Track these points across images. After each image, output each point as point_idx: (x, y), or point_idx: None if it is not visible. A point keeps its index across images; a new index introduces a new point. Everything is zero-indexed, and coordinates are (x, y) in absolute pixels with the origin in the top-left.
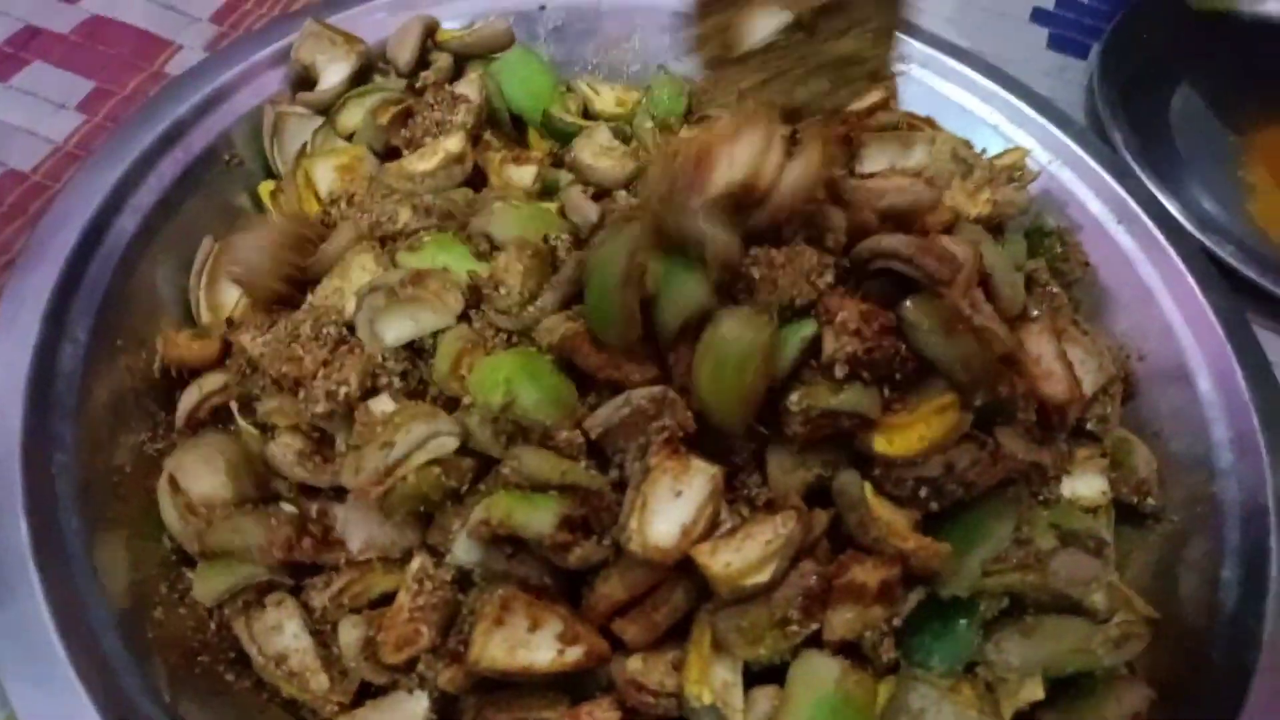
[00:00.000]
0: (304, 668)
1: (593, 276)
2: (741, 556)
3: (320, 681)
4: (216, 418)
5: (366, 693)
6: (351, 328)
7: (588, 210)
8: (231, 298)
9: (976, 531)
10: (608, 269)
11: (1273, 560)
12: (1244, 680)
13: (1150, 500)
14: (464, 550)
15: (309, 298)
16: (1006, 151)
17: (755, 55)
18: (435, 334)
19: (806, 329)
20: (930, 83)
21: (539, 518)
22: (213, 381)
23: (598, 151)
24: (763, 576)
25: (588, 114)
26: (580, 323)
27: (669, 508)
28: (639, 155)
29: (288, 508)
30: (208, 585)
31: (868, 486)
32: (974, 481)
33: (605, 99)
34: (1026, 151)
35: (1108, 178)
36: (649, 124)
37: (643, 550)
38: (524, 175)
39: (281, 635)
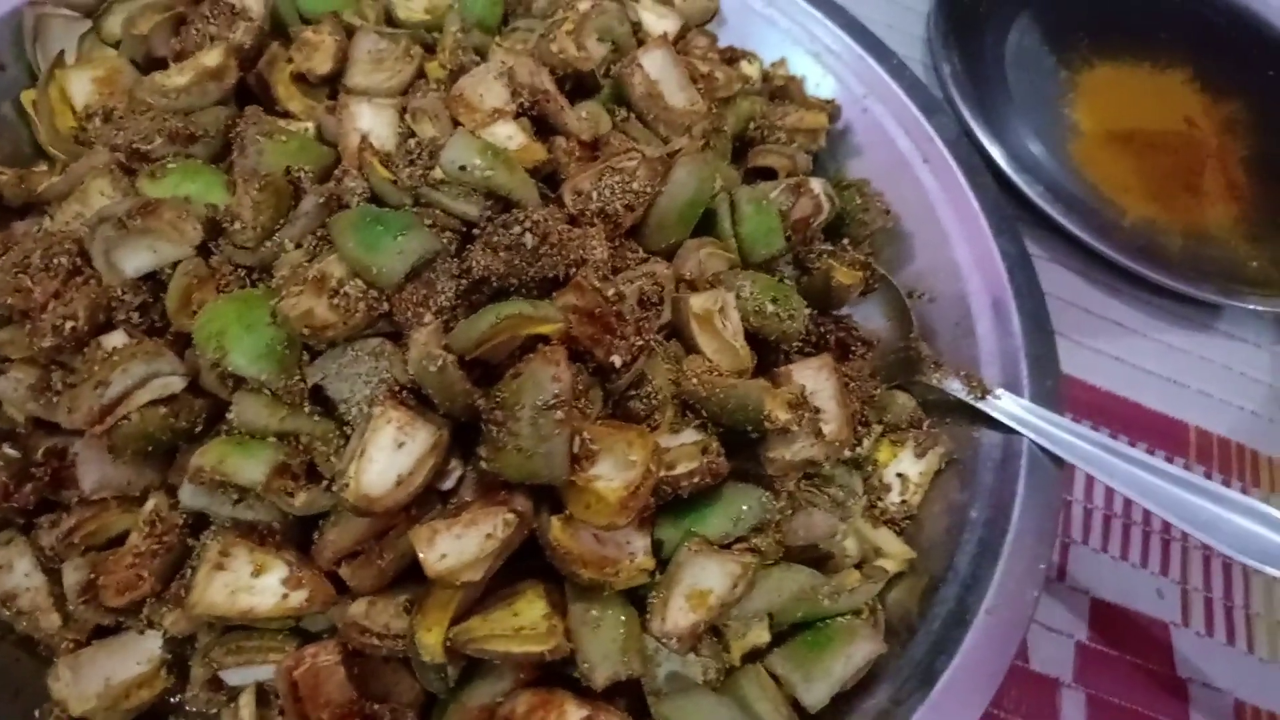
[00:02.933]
0: (34, 607)
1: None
2: (458, 550)
3: (51, 620)
4: None
5: (104, 631)
6: (89, 257)
7: (333, 126)
8: None
9: (709, 510)
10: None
11: (1017, 503)
12: (965, 623)
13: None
14: (189, 495)
15: (45, 223)
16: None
17: None
18: (174, 266)
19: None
20: (754, 5)
21: (252, 465)
22: None
23: (368, 67)
24: (475, 575)
25: (391, 21)
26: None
27: (388, 458)
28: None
29: (10, 450)
30: None
31: (555, 524)
32: (701, 483)
33: (414, 5)
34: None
35: (917, 113)
36: (455, 28)
37: (354, 498)
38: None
39: (11, 574)
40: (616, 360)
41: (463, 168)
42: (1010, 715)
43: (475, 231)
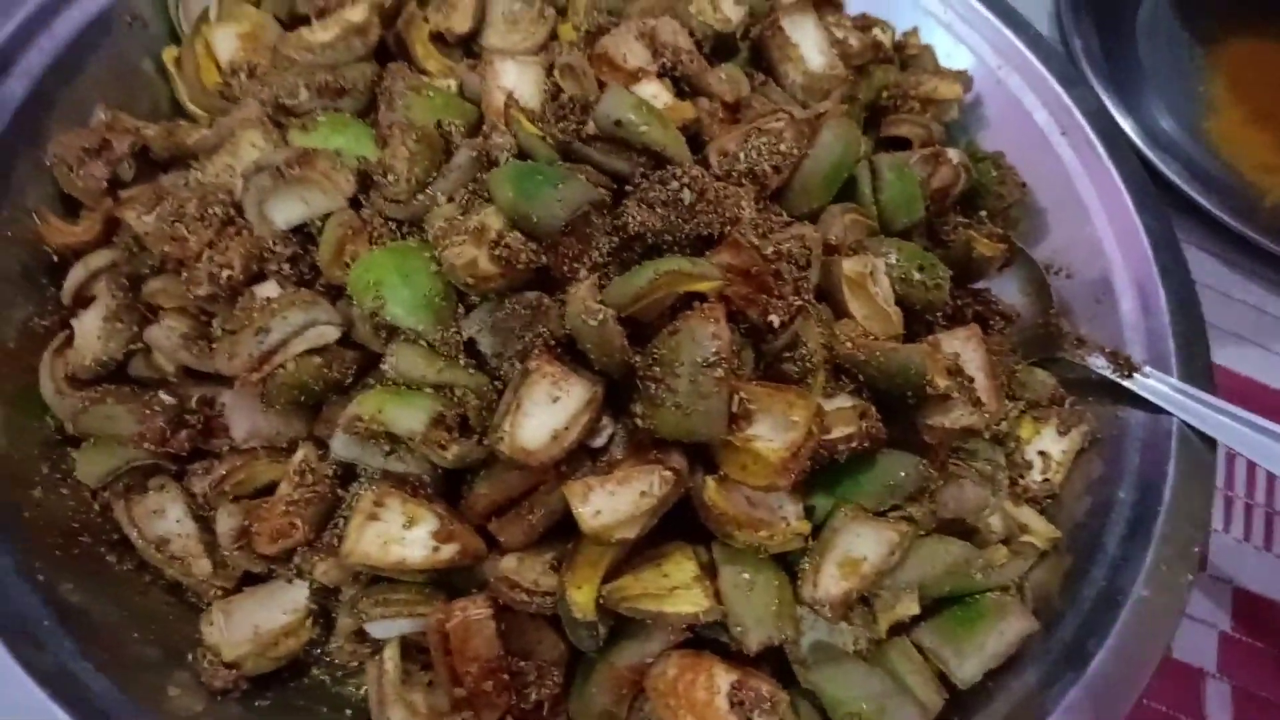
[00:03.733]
0: (186, 552)
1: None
2: (612, 507)
3: (203, 566)
4: None
5: (252, 579)
6: (240, 209)
7: (476, 84)
8: None
9: (864, 476)
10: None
11: (1168, 484)
12: (1118, 604)
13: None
14: (341, 445)
15: (196, 174)
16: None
17: None
18: (325, 219)
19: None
20: None
21: (410, 415)
22: (99, 259)
23: (504, 27)
24: (630, 533)
25: None
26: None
27: (543, 411)
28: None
29: (167, 397)
30: (90, 466)
31: (710, 484)
32: (858, 448)
33: None
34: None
35: (1056, 86)
36: None
37: (510, 451)
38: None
39: (164, 519)
40: (775, 320)
41: (618, 122)
42: (1154, 704)
43: (627, 189)
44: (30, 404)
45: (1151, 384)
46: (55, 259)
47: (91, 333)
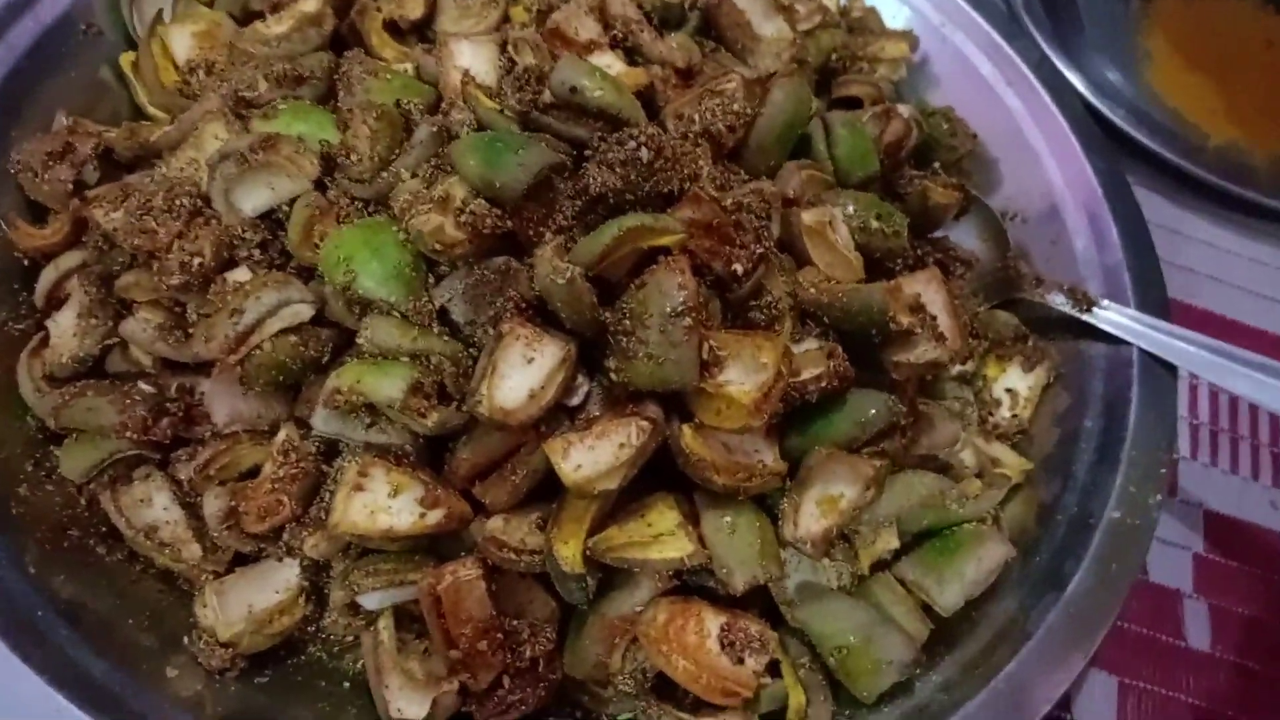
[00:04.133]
0: (175, 538)
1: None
2: (593, 459)
3: (193, 550)
4: None
5: (242, 561)
6: (208, 199)
7: (431, 66)
8: None
9: (836, 416)
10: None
11: (1132, 409)
12: (1091, 527)
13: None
14: (322, 420)
15: (161, 169)
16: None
17: None
18: (292, 203)
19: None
20: None
21: (389, 383)
22: (70, 259)
23: (456, 13)
24: (611, 484)
25: None
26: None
27: (519, 373)
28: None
29: (146, 387)
30: (73, 461)
31: (686, 432)
32: (827, 388)
33: None
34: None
35: (998, 39)
36: None
37: (489, 412)
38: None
39: (151, 508)
40: (738, 268)
41: (574, 89)
42: (1134, 626)
43: (586, 154)
44: (10, 405)
45: (1110, 315)
46: (25, 264)
47: (67, 331)
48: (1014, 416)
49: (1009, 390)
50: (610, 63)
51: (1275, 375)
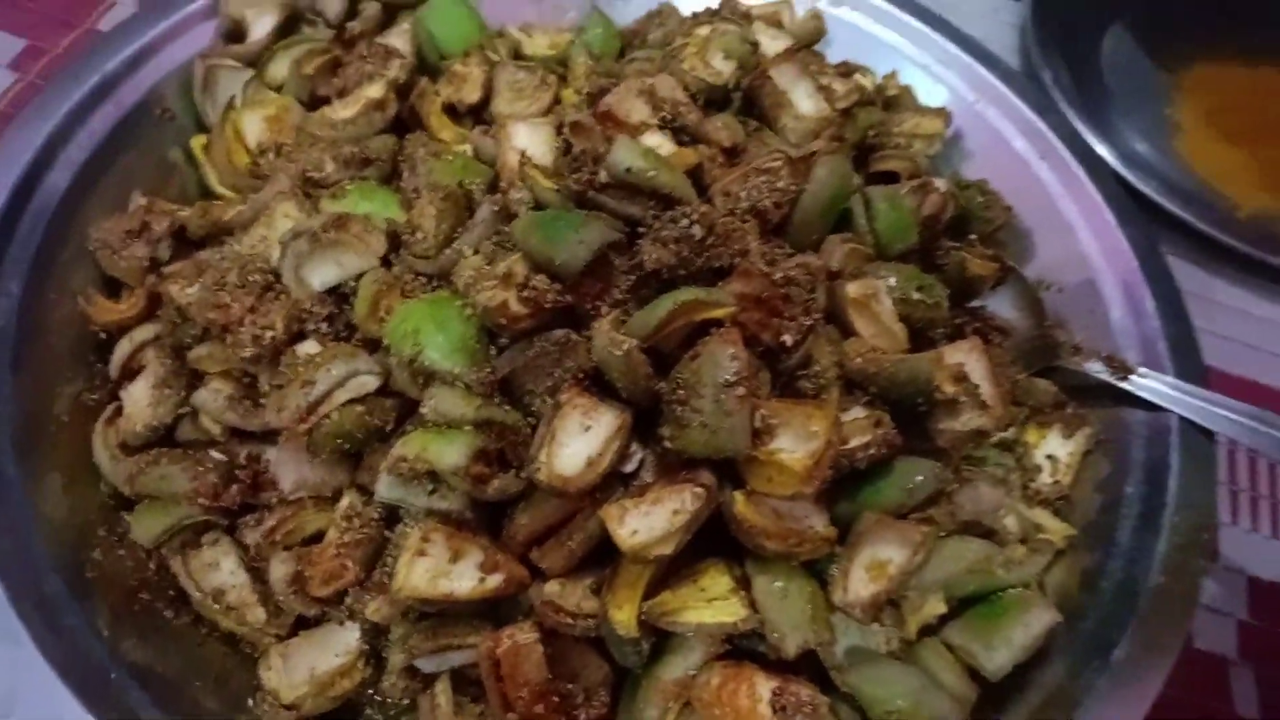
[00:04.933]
0: (241, 602)
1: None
2: (648, 526)
3: (257, 614)
4: None
5: (303, 625)
6: (278, 275)
7: (489, 147)
8: None
9: (883, 483)
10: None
11: (1172, 475)
12: (1136, 594)
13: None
14: (386, 487)
15: (233, 246)
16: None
17: None
18: (359, 278)
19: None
20: (861, 24)
21: (453, 451)
22: (144, 332)
23: (510, 95)
24: (666, 549)
25: (519, 57)
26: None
27: (577, 441)
28: (556, 85)
29: (217, 454)
30: (144, 527)
31: (738, 498)
32: (876, 455)
33: (537, 42)
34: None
35: (1031, 115)
36: (583, 58)
37: (549, 479)
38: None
39: (218, 572)
40: (788, 339)
41: (628, 169)
42: (1183, 694)
43: (640, 230)
44: (85, 472)
45: (1149, 384)
46: (102, 337)
47: (141, 400)
48: (1055, 482)
49: (1049, 456)
50: (660, 143)
51: None
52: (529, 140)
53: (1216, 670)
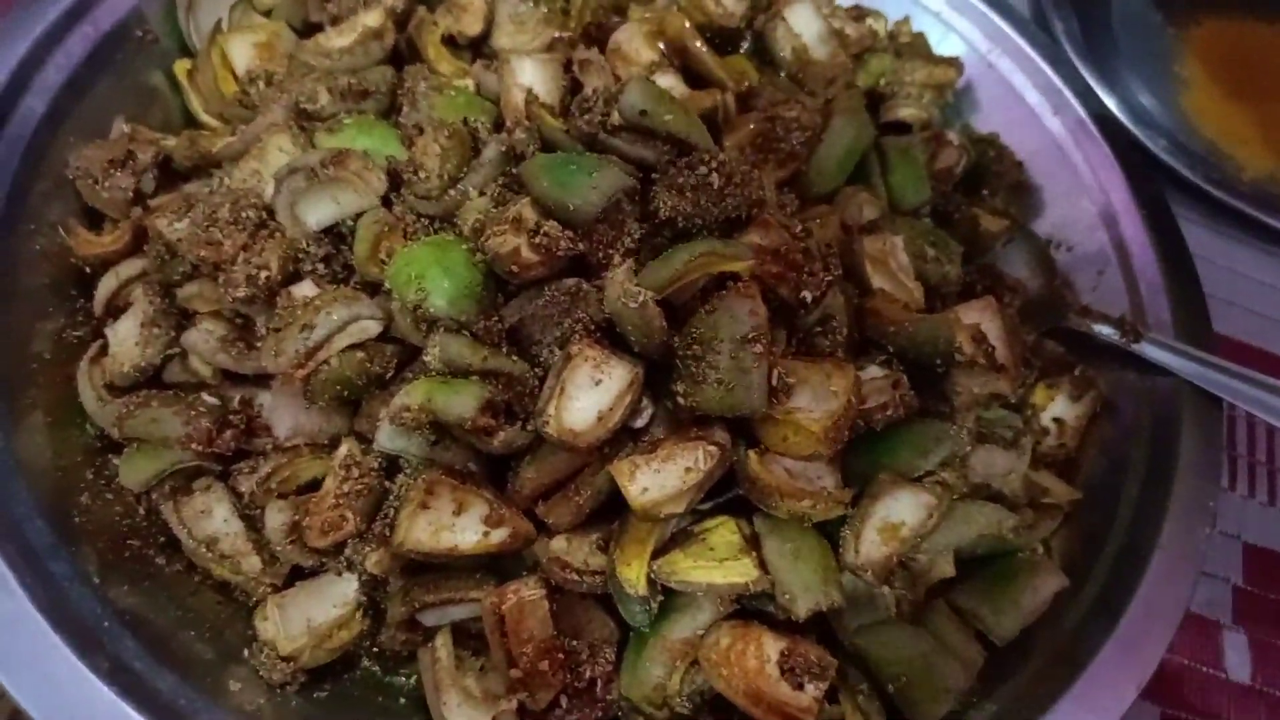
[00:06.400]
0: (235, 551)
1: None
2: (659, 484)
3: (252, 563)
4: None
5: (298, 575)
6: (271, 212)
7: (492, 83)
8: None
9: (898, 444)
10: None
11: (1180, 441)
12: (1140, 558)
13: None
14: (387, 437)
15: (222, 180)
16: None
17: None
18: (357, 218)
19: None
20: None
21: (460, 401)
22: (130, 268)
23: (511, 28)
24: (677, 508)
25: None
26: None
27: (587, 394)
28: (560, 19)
29: (209, 398)
30: (133, 471)
31: (752, 457)
32: (892, 416)
33: None
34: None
35: (1045, 66)
36: None
37: (557, 433)
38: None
39: (211, 519)
40: (807, 295)
41: (643, 112)
42: (1176, 656)
43: (653, 176)
44: (69, 413)
45: (1156, 349)
46: (86, 270)
47: (128, 340)
48: (1061, 445)
49: (1056, 419)
50: (673, 84)
51: None
52: (534, 77)
53: (1210, 633)
